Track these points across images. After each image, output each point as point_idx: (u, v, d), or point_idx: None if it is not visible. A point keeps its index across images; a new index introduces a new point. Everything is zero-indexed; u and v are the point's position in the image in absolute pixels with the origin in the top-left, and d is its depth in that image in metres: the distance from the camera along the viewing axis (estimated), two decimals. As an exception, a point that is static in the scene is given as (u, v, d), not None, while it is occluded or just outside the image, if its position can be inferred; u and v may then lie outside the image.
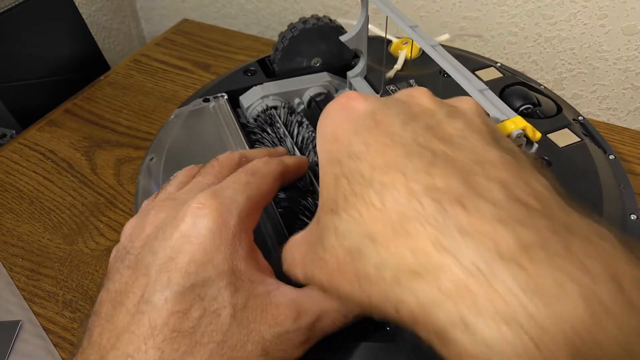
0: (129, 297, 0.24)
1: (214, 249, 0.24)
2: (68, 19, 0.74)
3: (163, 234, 0.25)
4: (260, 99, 0.50)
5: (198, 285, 0.24)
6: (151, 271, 0.24)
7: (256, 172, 0.29)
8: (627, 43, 0.66)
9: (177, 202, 0.27)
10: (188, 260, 0.24)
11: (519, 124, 0.28)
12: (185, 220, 0.25)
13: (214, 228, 0.25)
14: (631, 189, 0.43)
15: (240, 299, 0.24)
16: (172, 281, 0.23)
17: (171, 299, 0.23)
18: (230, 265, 0.25)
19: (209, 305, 0.23)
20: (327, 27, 0.53)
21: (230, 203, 0.26)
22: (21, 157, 0.59)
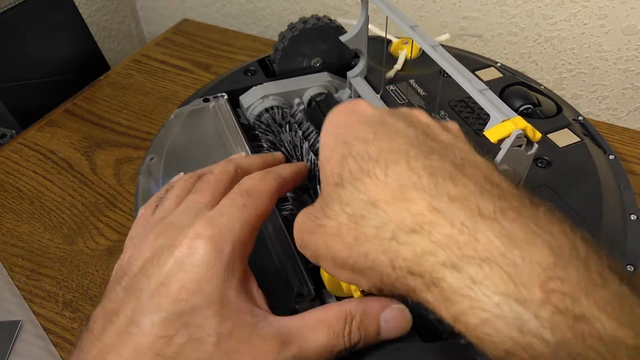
0: (119, 318, 0.25)
1: (206, 278, 0.25)
2: (68, 19, 0.74)
3: (158, 260, 0.26)
4: (260, 99, 0.50)
5: (186, 312, 0.24)
6: (143, 295, 0.25)
7: (252, 193, 0.30)
8: (627, 43, 0.66)
9: (174, 228, 0.28)
10: (179, 287, 0.25)
11: (519, 124, 0.28)
12: (180, 248, 0.26)
13: (208, 258, 0.26)
14: (631, 189, 0.43)
15: (226, 329, 0.25)
16: (161, 306, 0.24)
17: (158, 323, 0.24)
18: (221, 294, 0.25)
19: (195, 332, 0.24)
20: (327, 27, 0.53)
21: (226, 231, 0.27)
22: (21, 157, 0.59)
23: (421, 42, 0.37)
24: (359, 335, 0.27)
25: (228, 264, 0.26)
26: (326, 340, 0.27)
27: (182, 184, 0.33)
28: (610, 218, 0.39)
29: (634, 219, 0.40)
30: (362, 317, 0.28)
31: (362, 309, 0.28)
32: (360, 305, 0.28)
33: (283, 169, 0.34)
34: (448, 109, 0.50)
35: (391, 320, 0.28)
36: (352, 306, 0.28)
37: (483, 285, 0.19)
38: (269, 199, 0.30)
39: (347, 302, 0.28)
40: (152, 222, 0.30)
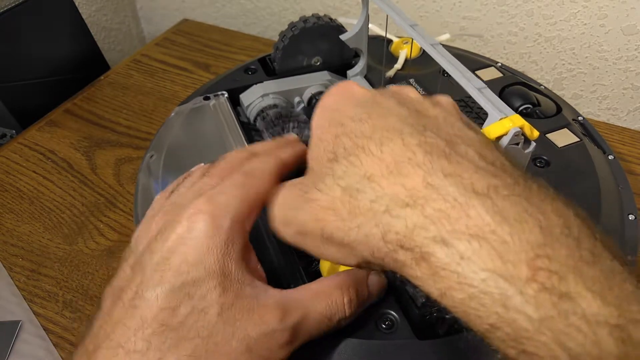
0: (126, 293, 0.26)
1: (206, 250, 0.26)
2: (68, 19, 0.74)
3: (161, 236, 0.27)
4: (261, 98, 0.50)
5: (188, 284, 0.25)
6: (147, 269, 0.26)
7: (252, 173, 0.30)
8: (627, 43, 0.66)
9: (178, 206, 0.29)
10: (180, 261, 0.26)
11: (516, 122, 0.28)
12: (182, 223, 0.27)
13: (208, 231, 0.26)
14: (630, 190, 0.43)
15: (228, 299, 0.26)
16: (164, 279, 0.25)
17: (162, 295, 0.25)
18: (221, 266, 0.26)
19: (198, 303, 0.25)
20: (328, 26, 0.53)
21: (225, 207, 0.27)
22: (21, 157, 0.59)
23: (421, 41, 0.37)
24: (357, 302, 0.29)
25: (227, 238, 0.27)
26: (325, 309, 0.28)
27: (198, 171, 0.33)
28: (609, 218, 0.39)
29: (632, 219, 0.40)
30: (356, 285, 0.29)
31: (353, 276, 0.30)
32: (351, 275, 0.30)
33: (283, 152, 0.34)
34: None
35: (375, 283, 0.31)
36: (344, 276, 0.29)
37: (471, 261, 0.19)
38: (268, 179, 0.30)
39: (337, 274, 0.30)
40: (162, 200, 0.32)
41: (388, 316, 0.32)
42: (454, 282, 0.20)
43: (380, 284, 0.32)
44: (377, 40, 0.56)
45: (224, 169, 0.31)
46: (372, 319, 0.32)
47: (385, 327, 0.32)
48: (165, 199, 0.32)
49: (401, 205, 0.22)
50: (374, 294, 0.31)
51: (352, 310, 0.29)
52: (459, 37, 0.78)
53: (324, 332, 0.28)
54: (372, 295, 0.31)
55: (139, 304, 0.25)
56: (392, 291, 0.33)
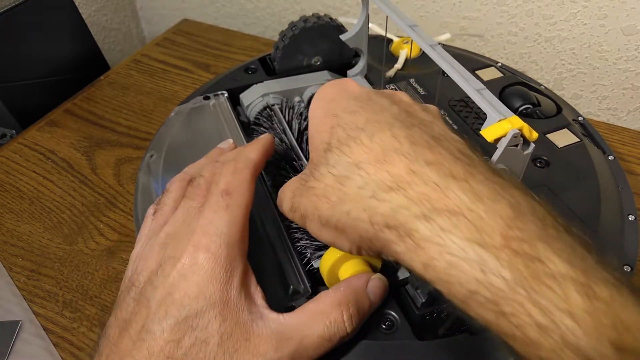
0: (132, 326, 0.27)
1: (207, 283, 0.27)
2: (68, 19, 0.74)
3: (162, 271, 0.28)
4: (261, 97, 0.50)
5: (191, 316, 0.26)
6: (152, 304, 0.27)
7: (230, 191, 0.31)
8: (627, 43, 0.66)
9: (175, 240, 0.30)
10: (183, 295, 0.27)
11: (515, 123, 0.28)
12: (181, 260, 0.28)
13: (207, 265, 0.28)
14: (629, 190, 0.43)
15: (227, 328, 0.27)
16: (168, 313, 0.27)
17: (167, 329, 0.26)
18: (221, 295, 0.27)
19: (200, 334, 0.26)
20: (328, 26, 0.53)
21: (218, 236, 0.29)
22: (21, 157, 0.59)
23: (420, 42, 0.37)
24: (358, 316, 0.29)
25: (226, 266, 0.28)
26: (324, 330, 0.28)
27: (176, 186, 0.35)
28: (608, 218, 0.39)
29: (632, 220, 0.40)
30: (355, 297, 0.29)
31: (352, 289, 0.30)
32: (349, 287, 0.30)
33: (251, 151, 0.35)
34: (447, 108, 0.50)
35: (375, 289, 0.31)
36: (343, 290, 0.29)
37: (451, 233, 0.22)
38: (247, 190, 0.32)
39: (335, 288, 0.30)
40: (153, 229, 0.32)
41: (388, 316, 0.32)
42: (435, 252, 0.22)
43: (381, 288, 0.32)
44: (377, 40, 0.56)
45: (204, 188, 0.33)
46: (372, 320, 0.32)
47: (385, 327, 0.32)
48: (152, 218, 0.34)
49: (386, 189, 0.24)
50: (377, 301, 0.31)
51: (353, 327, 0.29)
52: (459, 37, 0.78)
53: (325, 353, 0.28)
54: (375, 303, 0.31)
55: (146, 337, 0.26)
56: (392, 292, 0.33)
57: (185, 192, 0.33)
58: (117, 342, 0.27)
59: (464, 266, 0.21)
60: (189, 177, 0.35)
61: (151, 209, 0.35)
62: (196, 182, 0.33)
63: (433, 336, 0.32)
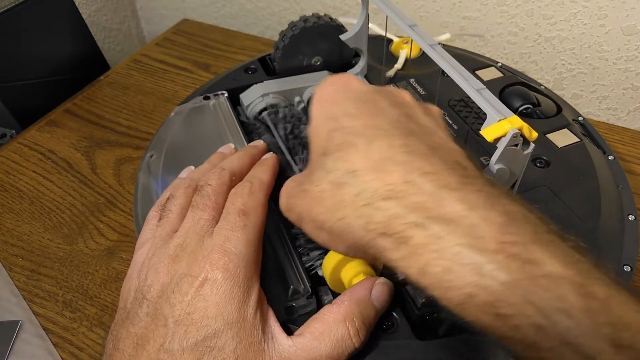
0: (149, 343, 0.27)
1: (225, 303, 0.28)
2: (68, 19, 0.74)
3: (179, 289, 0.28)
4: (261, 97, 0.50)
5: (209, 337, 0.27)
6: (169, 322, 0.27)
7: (247, 211, 0.32)
8: (627, 43, 0.66)
9: (187, 254, 0.30)
10: (202, 316, 0.27)
11: (515, 123, 0.28)
12: (199, 279, 0.28)
13: (225, 285, 0.28)
14: (629, 190, 0.43)
15: (242, 350, 0.27)
16: (188, 334, 0.27)
17: (187, 349, 0.26)
18: (238, 315, 0.28)
19: (217, 354, 0.26)
20: (328, 26, 0.53)
21: (236, 256, 0.29)
22: (21, 157, 0.59)
23: (420, 41, 0.37)
24: (365, 328, 0.29)
25: (244, 286, 0.28)
26: (331, 349, 0.28)
27: (182, 193, 0.35)
28: (608, 218, 0.39)
29: (632, 220, 0.40)
30: (360, 310, 0.29)
31: (356, 301, 0.30)
32: (353, 300, 0.30)
33: (262, 172, 0.36)
34: (447, 108, 0.50)
35: (380, 295, 0.31)
36: (347, 305, 0.29)
37: (446, 239, 0.22)
38: (262, 211, 0.33)
39: (339, 302, 0.30)
40: (160, 236, 0.32)
41: (388, 317, 0.32)
42: (431, 258, 0.22)
43: (386, 293, 0.31)
44: (377, 39, 0.56)
45: (213, 198, 0.33)
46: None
47: (385, 327, 0.32)
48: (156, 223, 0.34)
49: (381, 198, 0.24)
50: (382, 308, 0.31)
51: (361, 340, 0.29)
52: (459, 37, 0.78)
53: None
54: (380, 310, 0.31)
55: (165, 357, 0.26)
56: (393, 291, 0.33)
57: (192, 200, 0.34)
58: (132, 358, 0.27)
59: (460, 270, 0.21)
60: (194, 184, 0.35)
61: (154, 211, 0.35)
62: (204, 191, 0.33)
63: (433, 336, 0.32)
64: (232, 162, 0.37)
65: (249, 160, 0.38)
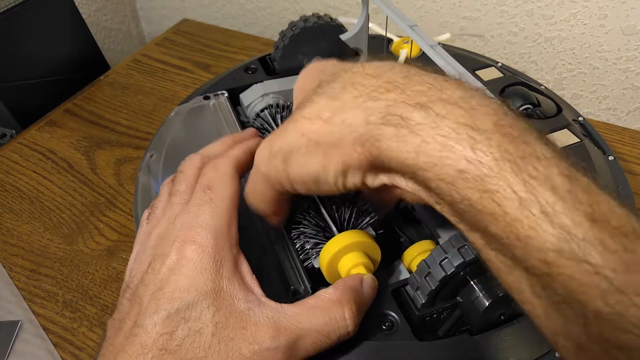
0: (125, 323, 0.28)
1: (196, 275, 0.27)
2: (68, 19, 0.74)
3: (152, 269, 0.29)
4: (261, 97, 0.50)
5: (182, 308, 0.27)
6: (144, 300, 0.28)
7: (212, 185, 0.32)
8: (627, 43, 0.66)
9: (164, 239, 0.30)
10: (173, 288, 0.27)
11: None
12: (170, 256, 0.28)
13: (195, 257, 0.28)
14: (630, 190, 0.43)
15: (222, 317, 0.27)
16: (160, 307, 0.27)
17: (159, 322, 0.26)
18: (213, 285, 0.27)
19: (193, 324, 0.26)
20: (328, 26, 0.53)
21: (203, 228, 0.29)
22: (21, 157, 0.59)
23: (419, 41, 0.37)
24: (359, 314, 0.29)
25: (215, 256, 0.28)
26: (323, 326, 0.28)
27: (165, 189, 0.35)
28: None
29: (633, 219, 0.40)
30: (354, 296, 0.29)
31: (350, 288, 0.30)
32: (347, 286, 0.30)
33: (236, 149, 0.35)
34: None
35: (368, 288, 0.31)
36: (342, 289, 0.30)
37: (445, 117, 0.23)
38: (230, 183, 0.32)
39: (334, 287, 0.30)
40: (146, 232, 0.33)
41: (388, 317, 0.32)
42: (429, 135, 0.23)
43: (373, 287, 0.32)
44: (378, 39, 0.56)
45: (185, 182, 0.33)
46: (372, 320, 0.32)
47: (385, 328, 0.32)
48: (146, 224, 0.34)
49: (382, 91, 0.25)
50: (369, 301, 0.31)
51: (355, 325, 0.29)
52: (459, 37, 0.78)
53: (323, 349, 0.28)
54: (368, 303, 0.31)
55: (138, 332, 0.26)
56: (392, 293, 0.33)
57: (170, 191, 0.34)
58: (112, 340, 0.28)
59: (455, 146, 0.22)
60: (173, 176, 0.36)
61: (146, 212, 0.35)
62: (177, 178, 0.34)
63: (433, 337, 0.32)
64: (209, 147, 0.37)
65: (229, 143, 0.38)
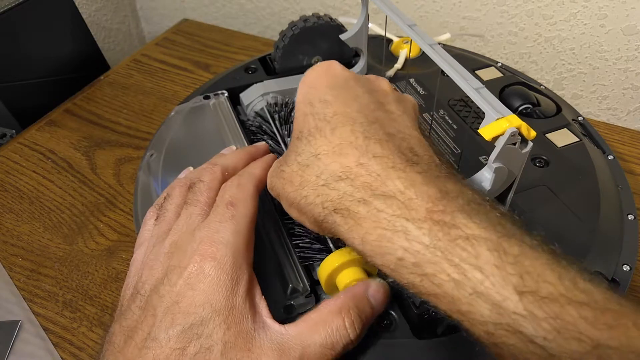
0: (138, 333, 0.27)
1: (213, 291, 0.28)
2: (68, 19, 0.74)
3: (169, 280, 0.29)
4: (261, 97, 0.50)
5: (196, 324, 0.27)
6: (158, 312, 0.28)
7: (235, 202, 0.32)
8: (627, 43, 0.66)
9: (180, 249, 0.30)
10: (189, 304, 0.27)
11: (513, 122, 0.28)
12: (188, 269, 0.28)
13: (213, 273, 0.28)
14: (629, 190, 0.43)
15: (231, 337, 0.27)
16: (174, 322, 0.27)
17: (173, 337, 0.26)
18: (226, 303, 0.28)
19: (204, 341, 0.26)
20: (328, 26, 0.53)
21: (224, 246, 0.29)
22: (21, 157, 0.59)
23: (418, 41, 0.37)
24: (361, 322, 0.29)
25: (232, 274, 0.29)
26: (325, 339, 0.28)
27: (177, 192, 0.35)
28: (607, 218, 0.39)
29: (631, 219, 0.40)
30: (356, 304, 0.30)
31: (352, 296, 0.30)
32: (349, 295, 0.30)
33: (254, 167, 0.36)
34: (447, 107, 0.50)
35: (376, 293, 0.32)
36: (343, 298, 0.30)
37: (384, 212, 0.25)
38: (251, 202, 0.33)
39: (336, 297, 0.30)
40: (156, 235, 0.33)
41: (387, 315, 0.32)
42: (370, 228, 0.25)
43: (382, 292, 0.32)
44: (378, 39, 0.56)
45: (205, 194, 0.33)
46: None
47: (384, 326, 0.32)
48: (154, 223, 0.34)
49: (336, 179, 0.27)
50: (379, 306, 0.31)
51: (356, 333, 0.29)
52: (459, 37, 0.78)
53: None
54: (377, 308, 0.31)
55: (152, 345, 0.26)
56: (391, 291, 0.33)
57: (186, 197, 0.34)
58: (122, 349, 0.27)
59: (392, 237, 0.25)
60: (189, 182, 0.35)
61: (152, 212, 0.35)
62: (196, 187, 0.34)
63: (431, 335, 0.32)
64: (227, 159, 0.38)
65: (246, 157, 0.39)
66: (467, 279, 0.22)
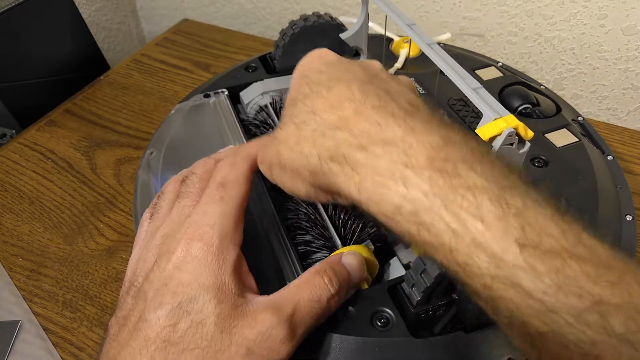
0: (130, 320, 0.28)
1: (200, 271, 0.28)
2: (68, 19, 0.74)
3: (158, 266, 0.29)
4: (261, 95, 0.50)
5: (185, 302, 0.27)
6: (148, 297, 0.28)
7: (226, 183, 0.32)
8: (627, 43, 0.66)
9: (168, 237, 0.31)
10: (176, 284, 0.28)
11: (510, 122, 0.28)
12: (175, 253, 0.29)
13: (199, 254, 0.29)
14: (628, 190, 0.43)
15: (224, 309, 0.27)
16: (163, 302, 0.27)
17: (163, 316, 0.27)
18: (215, 281, 0.28)
19: (195, 317, 0.27)
20: (328, 25, 0.53)
21: (210, 227, 0.30)
22: (21, 157, 0.59)
23: (418, 40, 0.37)
24: (337, 280, 0.31)
25: (218, 255, 0.29)
26: (311, 294, 0.29)
27: (171, 188, 0.35)
28: (606, 218, 0.39)
29: (630, 220, 0.40)
30: (331, 267, 0.31)
31: (327, 262, 0.32)
32: (325, 261, 0.32)
33: (251, 145, 0.36)
34: (447, 107, 0.50)
35: (350, 260, 0.33)
36: (320, 264, 0.31)
37: (383, 158, 0.24)
38: (244, 183, 0.33)
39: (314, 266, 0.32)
40: (150, 231, 0.33)
41: (383, 314, 0.32)
42: (367, 175, 0.25)
43: (356, 260, 0.33)
44: (378, 39, 0.56)
45: (197, 185, 0.33)
46: (368, 317, 0.32)
47: (380, 324, 0.32)
48: (149, 222, 0.34)
49: (333, 129, 0.27)
50: (355, 273, 0.33)
51: (336, 288, 0.30)
52: (459, 37, 0.78)
53: (319, 317, 0.29)
54: (354, 275, 0.32)
55: (142, 326, 0.27)
56: (388, 290, 0.33)
57: (179, 191, 0.34)
58: (116, 337, 0.28)
59: (390, 184, 0.24)
60: (182, 177, 0.35)
61: (147, 212, 0.35)
62: (189, 180, 0.34)
63: (428, 334, 0.32)
64: (220, 152, 0.38)
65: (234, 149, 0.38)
66: (467, 229, 0.22)
